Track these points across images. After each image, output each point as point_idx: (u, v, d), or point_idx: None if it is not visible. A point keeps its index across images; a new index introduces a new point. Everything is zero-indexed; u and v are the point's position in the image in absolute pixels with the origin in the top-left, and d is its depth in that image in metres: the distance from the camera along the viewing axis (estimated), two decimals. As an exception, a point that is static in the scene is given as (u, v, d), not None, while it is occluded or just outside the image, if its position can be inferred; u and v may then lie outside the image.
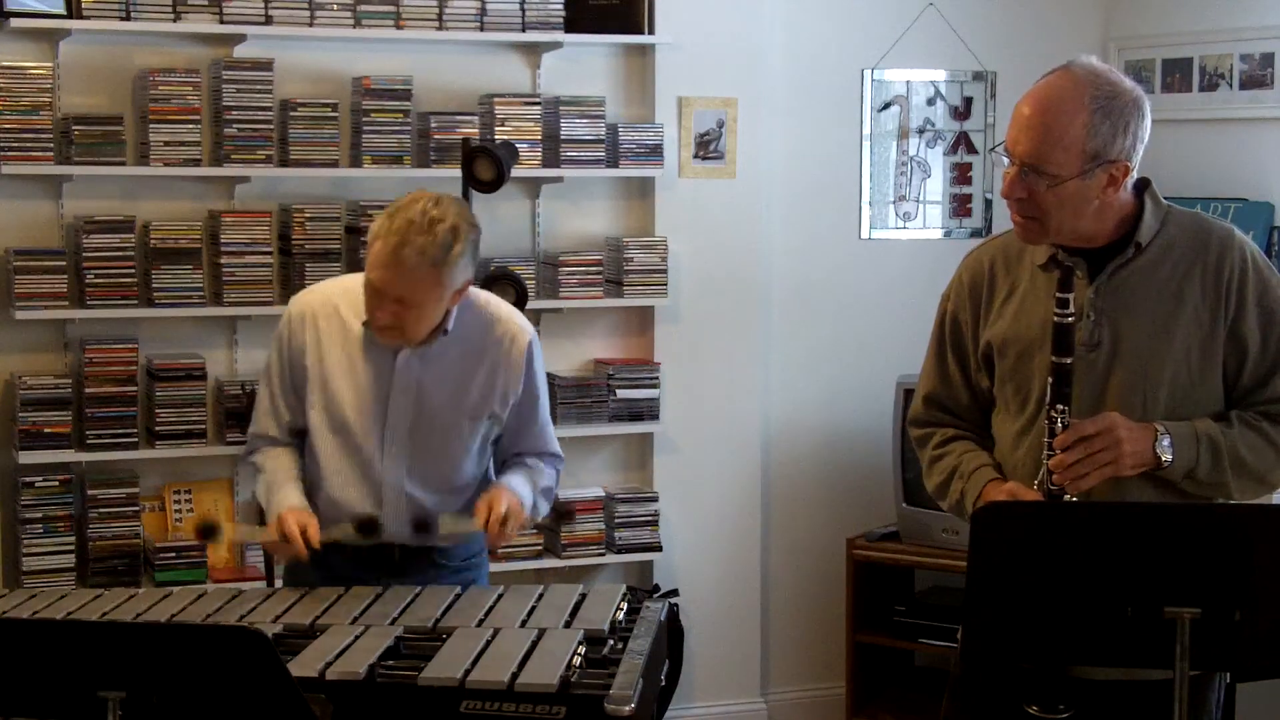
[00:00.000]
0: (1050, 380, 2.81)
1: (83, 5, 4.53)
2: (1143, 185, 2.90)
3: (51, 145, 4.55)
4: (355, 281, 3.39)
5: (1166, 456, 2.79)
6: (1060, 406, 2.80)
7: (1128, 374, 2.85)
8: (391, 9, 4.82)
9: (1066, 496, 2.80)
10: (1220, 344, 2.85)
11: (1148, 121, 2.82)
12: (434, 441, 3.38)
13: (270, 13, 4.69)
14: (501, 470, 3.52)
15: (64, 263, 4.58)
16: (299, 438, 3.48)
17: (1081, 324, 2.85)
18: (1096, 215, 2.84)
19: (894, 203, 5.60)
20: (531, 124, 4.94)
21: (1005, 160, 2.84)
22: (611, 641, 2.98)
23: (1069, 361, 2.80)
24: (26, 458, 4.54)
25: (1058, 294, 2.80)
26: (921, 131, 5.59)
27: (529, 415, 3.49)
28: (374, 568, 3.39)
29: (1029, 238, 2.89)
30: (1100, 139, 2.77)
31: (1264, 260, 2.90)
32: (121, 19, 4.57)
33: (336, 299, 3.41)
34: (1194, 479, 2.82)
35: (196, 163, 4.66)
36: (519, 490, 3.40)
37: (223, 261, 4.68)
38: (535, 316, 5.10)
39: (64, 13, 4.53)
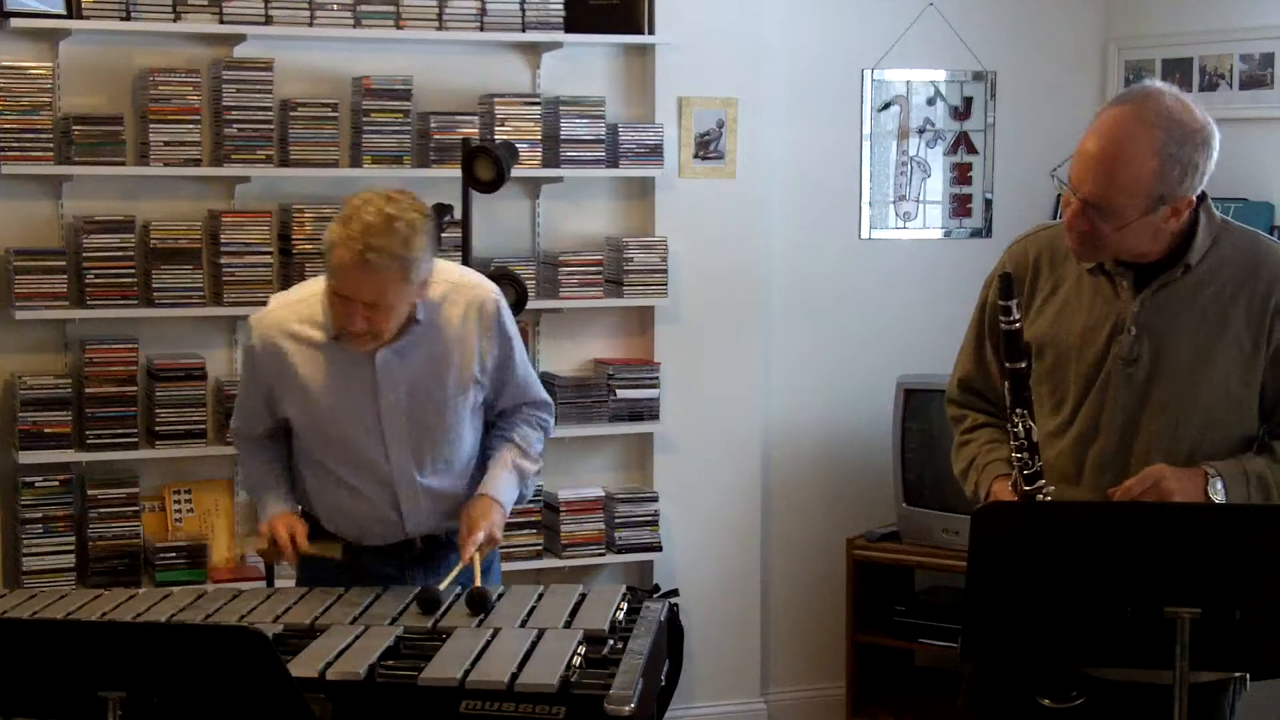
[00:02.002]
0: (1007, 385, 2.82)
1: (83, 5, 4.53)
2: (1198, 199, 2.84)
3: (51, 145, 4.55)
4: (309, 291, 3.36)
5: (1219, 499, 2.77)
6: (1020, 410, 2.80)
7: (1164, 393, 2.84)
8: (391, 9, 4.82)
9: (1040, 497, 2.81)
10: (1260, 370, 2.83)
11: (1215, 153, 2.77)
12: (432, 425, 3.37)
13: (270, 13, 4.69)
14: (491, 442, 3.49)
15: (64, 263, 4.57)
16: (283, 433, 3.49)
17: (1122, 337, 2.85)
18: (1153, 238, 2.82)
19: (894, 203, 5.59)
20: (531, 124, 4.94)
21: (1063, 185, 2.80)
22: (611, 641, 2.97)
23: (1024, 366, 2.80)
24: (26, 458, 4.54)
25: (1000, 302, 2.81)
26: (921, 131, 5.59)
27: (508, 369, 3.46)
28: (396, 560, 3.41)
29: (1085, 258, 2.88)
30: (1169, 184, 2.74)
31: None
32: (121, 19, 4.57)
33: (293, 320, 3.35)
34: None
35: (196, 163, 4.66)
36: (501, 495, 3.39)
37: (223, 261, 4.68)
38: (535, 316, 5.10)
39: (64, 13, 4.53)
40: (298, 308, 3.36)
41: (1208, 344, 2.82)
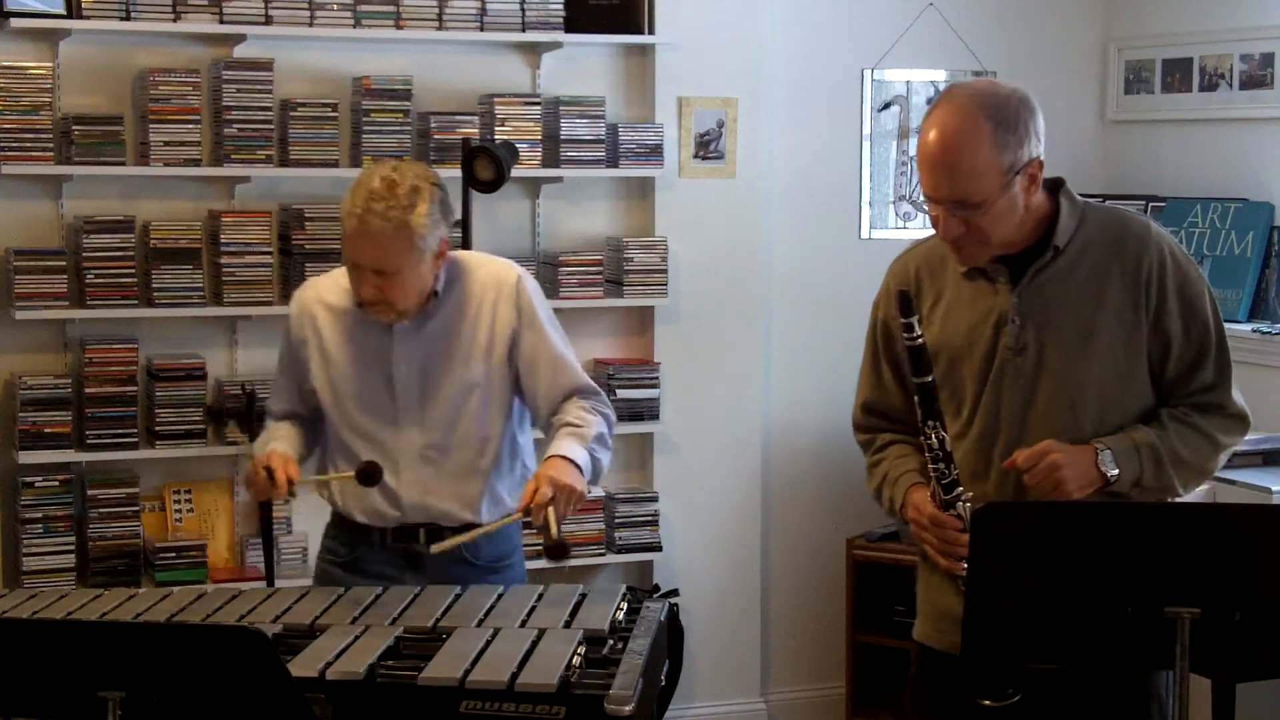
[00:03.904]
0: (917, 399, 2.85)
1: (83, 5, 4.53)
2: (1057, 185, 2.93)
3: (51, 145, 4.55)
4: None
5: (1112, 471, 2.82)
6: (931, 423, 2.84)
7: (1054, 378, 2.88)
8: (391, 9, 4.82)
9: (960, 505, 2.84)
10: (1144, 340, 2.88)
11: (1040, 114, 2.85)
12: (445, 399, 3.36)
13: (270, 13, 4.69)
14: (549, 436, 3.41)
15: (64, 263, 4.58)
16: (310, 420, 3.50)
17: (1007, 328, 2.89)
18: (1019, 221, 2.87)
19: (894, 203, 5.60)
20: (531, 124, 4.94)
21: (926, 205, 2.87)
22: (611, 641, 2.97)
23: (930, 379, 2.84)
24: (26, 458, 4.54)
25: (902, 319, 2.85)
26: (921, 131, 5.59)
27: (537, 346, 3.41)
28: (405, 567, 3.40)
29: (971, 261, 2.93)
30: (1010, 152, 2.80)
31: (1182, 252, 2.93)
32: (121, 19, 4.57)
33: (328, 289, 3.45)
34: (1140, 487, 2.85)
35: (196, 163, 4.67)
36: (571, 454, 3.27)
37: (223, 261, 4.68)
38: (535, 316, 5.10)
39: (64, 13, 4.53)
40: (335, 276, 3.45)
41: (1089, 321, 2.87)
